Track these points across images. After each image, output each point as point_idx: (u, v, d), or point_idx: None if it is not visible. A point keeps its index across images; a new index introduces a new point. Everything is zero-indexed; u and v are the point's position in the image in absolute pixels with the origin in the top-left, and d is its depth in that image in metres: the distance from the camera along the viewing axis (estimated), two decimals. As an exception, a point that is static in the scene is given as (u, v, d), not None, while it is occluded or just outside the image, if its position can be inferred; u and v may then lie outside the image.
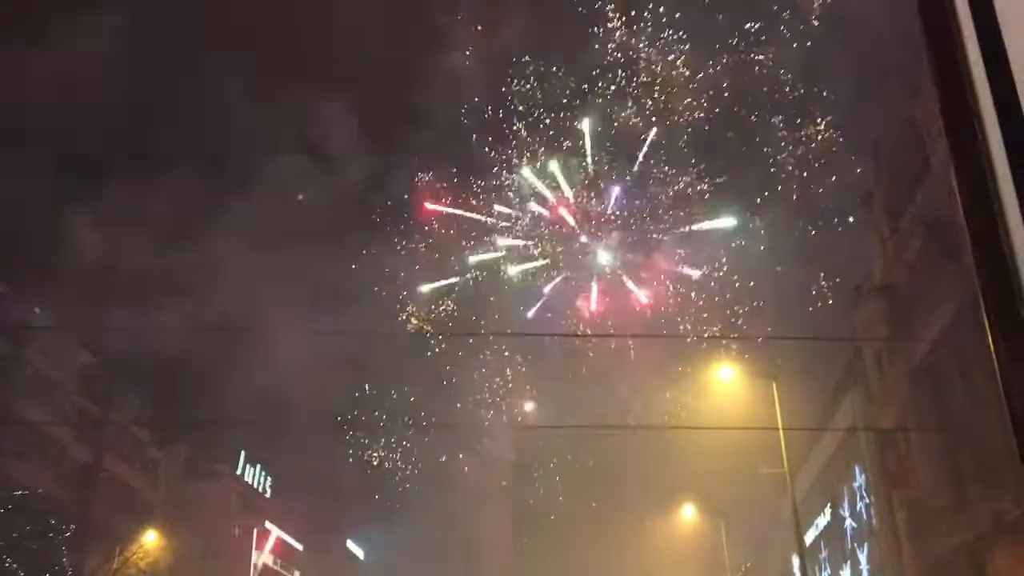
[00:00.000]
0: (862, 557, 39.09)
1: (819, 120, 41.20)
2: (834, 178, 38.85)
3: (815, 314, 36.57)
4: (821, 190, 40.32)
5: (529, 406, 49.92)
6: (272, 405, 53.87)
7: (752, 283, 42.21)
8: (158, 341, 41.31)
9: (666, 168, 46.19)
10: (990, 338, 2.35)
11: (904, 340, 30.02)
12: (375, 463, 57.37)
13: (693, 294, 44.44)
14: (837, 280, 35.99)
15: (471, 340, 48.31)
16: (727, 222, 44.38)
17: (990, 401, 24.72)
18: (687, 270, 44.91)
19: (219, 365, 44.84)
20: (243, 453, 60.40)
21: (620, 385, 46.46)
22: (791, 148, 42.28)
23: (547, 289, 48.14)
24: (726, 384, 29.80)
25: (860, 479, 38.09)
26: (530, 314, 48.21)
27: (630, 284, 46.53)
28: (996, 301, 2.36)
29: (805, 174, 41.75)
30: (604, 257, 48.04)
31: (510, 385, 49.55)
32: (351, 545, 79.34)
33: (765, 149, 43.51)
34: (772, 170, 42.82)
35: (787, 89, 42.73)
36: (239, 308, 47.07)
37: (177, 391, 48.21)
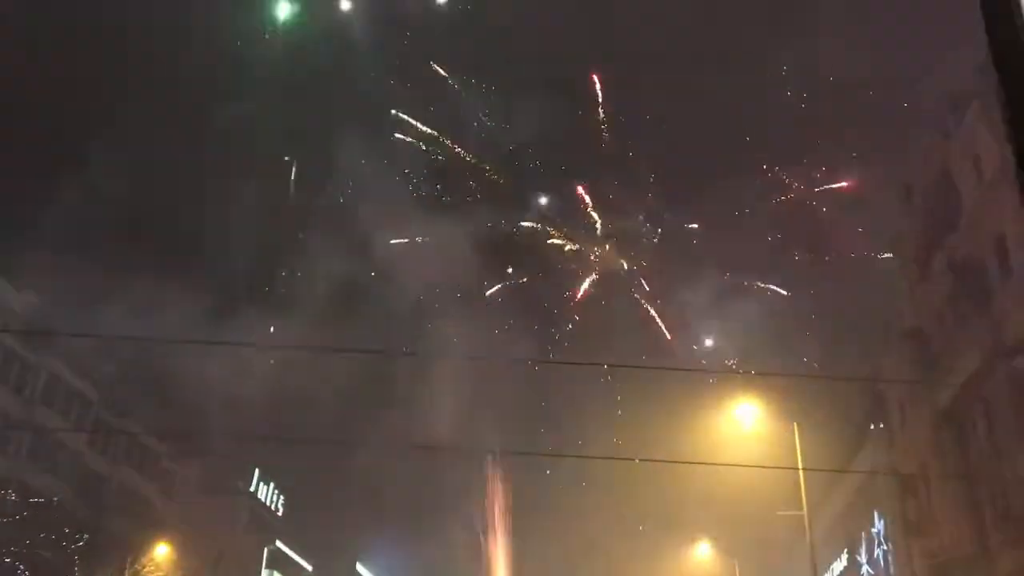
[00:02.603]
0: (879, 605, 38.51)
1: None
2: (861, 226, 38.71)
3: (839, 357, 36.34)
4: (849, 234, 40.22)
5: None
6: (286, 424, 53.90)
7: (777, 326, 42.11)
8: (176, 355, 41.51)
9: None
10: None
11: (929, 384, 29.71)
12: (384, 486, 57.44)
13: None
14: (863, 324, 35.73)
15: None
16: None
17: (1014, 451, 24.41)
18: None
19: (236, 381, 45.05)
20: (257, 471, 60.37)
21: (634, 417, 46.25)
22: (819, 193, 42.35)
23: None
24: (746, 424, 29.53)
25: (879, 525, 37.56)
26: None
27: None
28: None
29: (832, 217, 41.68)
30: None
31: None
32: (360, 568, 78.95)
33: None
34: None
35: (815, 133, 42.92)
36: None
37: (192, 405, 48.26)
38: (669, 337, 46.14)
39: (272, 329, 45.55)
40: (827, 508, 39.95)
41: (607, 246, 50.79)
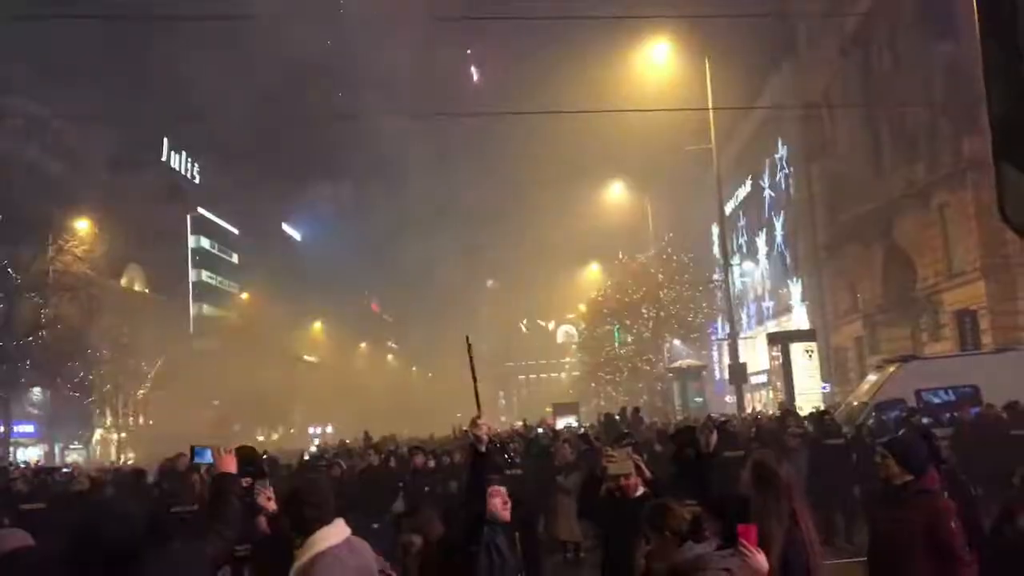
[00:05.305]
0: (778, 224, 41.35)
1: None
2: None
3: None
4: None
5: None
6: (195, 88, 51.60)
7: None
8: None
9: None
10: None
11: (838, 12, 29.59)
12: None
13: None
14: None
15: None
16: None
17: (915, 74, 25.04)
18: None
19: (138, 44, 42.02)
20: (166, 139, 59.05)
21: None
22: None
23: None
24: (657, 64, 29.28)
25: (782, 151, 39.25)
26: None
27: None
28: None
29: None
30: None
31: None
32: (287, 228, 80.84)
33: None
34: None
35: None
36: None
37: (94, 74, 45.53)
38: None
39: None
40: (734, 139, 41.29)
41: None
